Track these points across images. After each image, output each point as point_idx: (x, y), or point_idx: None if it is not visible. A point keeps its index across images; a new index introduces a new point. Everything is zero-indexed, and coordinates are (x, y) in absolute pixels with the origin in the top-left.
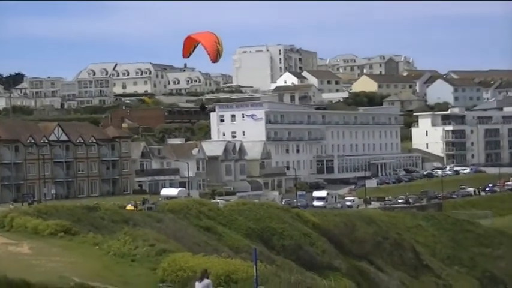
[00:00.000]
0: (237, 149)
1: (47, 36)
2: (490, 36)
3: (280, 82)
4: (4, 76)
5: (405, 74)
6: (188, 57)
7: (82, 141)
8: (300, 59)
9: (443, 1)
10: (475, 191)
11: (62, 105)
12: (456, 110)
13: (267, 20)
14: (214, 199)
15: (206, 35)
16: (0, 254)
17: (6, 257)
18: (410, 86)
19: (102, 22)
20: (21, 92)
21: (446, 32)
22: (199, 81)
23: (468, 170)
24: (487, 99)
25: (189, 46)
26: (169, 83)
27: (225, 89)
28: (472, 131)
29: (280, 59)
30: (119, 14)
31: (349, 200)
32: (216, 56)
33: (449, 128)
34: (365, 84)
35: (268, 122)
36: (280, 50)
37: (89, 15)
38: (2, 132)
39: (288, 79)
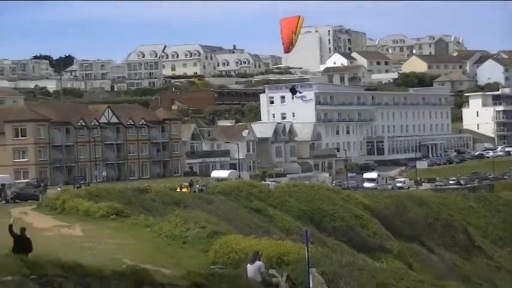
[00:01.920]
0: (287, 130)
1: (97, 18)
2: None
3: (329, 63)
4: (54, 59)
5: (455, 54)
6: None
7: (132, 123)
8: (349, 39)
9: None
10: None
11: (112, 87)
12: (507, 90)
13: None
14: (264, 181)
15: (289, 22)
16: (53, 236)
17: (59, 239)
18: (461, 67)
19: (151, 4)
20: (71, 75)
21: (496, 12)
22: (249, 63)
23: None
24: None
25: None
26: (218, 65)
27: (274, 71)
28: None
29: (329, 39)
30: None
31: (400, 182)
32: (288, 48)
33: (500, 108)
34: (415, 65)
35: (318, 103)
36: (329, 31)
37: None
38: (53, 115)
39: (337, 60)
